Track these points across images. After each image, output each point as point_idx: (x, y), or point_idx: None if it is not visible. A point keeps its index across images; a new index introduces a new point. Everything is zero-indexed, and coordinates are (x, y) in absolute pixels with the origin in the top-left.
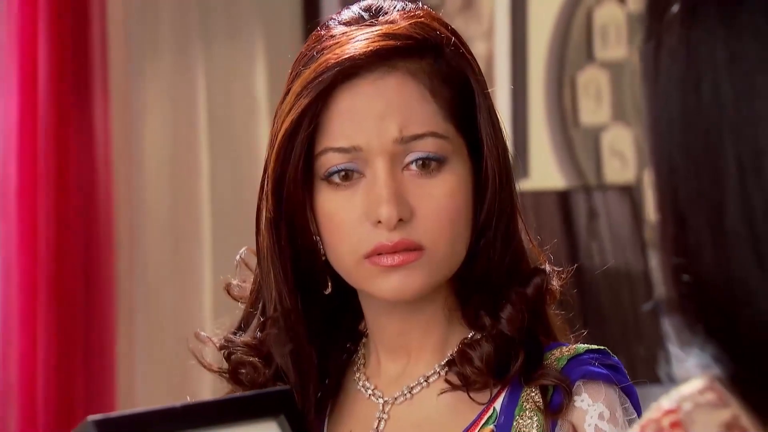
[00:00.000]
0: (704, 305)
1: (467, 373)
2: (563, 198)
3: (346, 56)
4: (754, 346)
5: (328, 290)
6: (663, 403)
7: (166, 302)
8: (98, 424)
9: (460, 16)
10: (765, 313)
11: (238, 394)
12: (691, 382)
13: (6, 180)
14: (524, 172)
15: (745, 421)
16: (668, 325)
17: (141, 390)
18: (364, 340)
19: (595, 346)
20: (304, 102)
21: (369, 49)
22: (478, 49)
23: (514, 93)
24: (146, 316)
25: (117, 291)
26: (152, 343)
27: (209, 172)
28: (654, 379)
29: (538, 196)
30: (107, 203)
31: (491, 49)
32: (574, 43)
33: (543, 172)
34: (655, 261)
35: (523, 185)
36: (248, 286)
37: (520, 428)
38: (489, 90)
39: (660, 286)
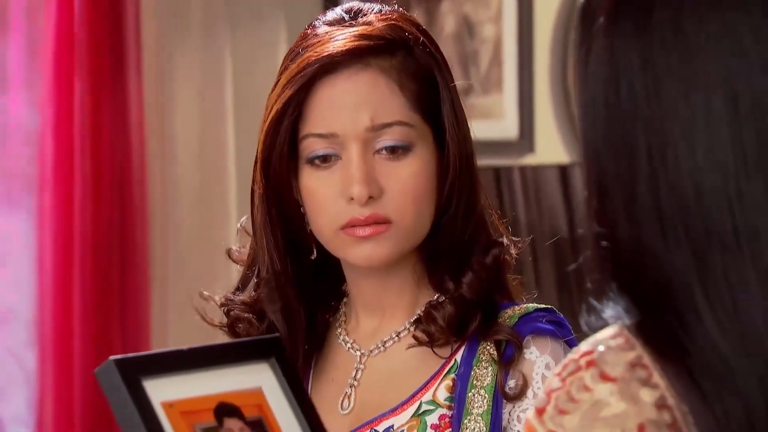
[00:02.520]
0: (618, 266)
1: (432, 331)
2: (564, 172)
3: (326, 54)
4: (657, 300)
5: (314, 256)
6: (581, 347)
7: (195, 267)
8: (118, 362)
9: (469, 2)
10: (667, 273)
11: (237, 340)
12: (606, 329)
13: (44, 155)
14: (530, 148)
15: (647, 360)
16: (589, 282)
17: (173, 344)
18: (345, 299)
19: (543, 305)
20: (288, 93)
21: (346, 48)
22: (487, 33)
23: (521, 73)
24: (177, 282)
25: (151, 259)
26: (183, 307)
27: (235, 147)
28: None
29: (541, 170)
30: (141, 177)
31: (499, 32)
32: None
33: (548, 147)
34: None
35: (529, 160)
36: (246, 251)
37: (478, 377)
38: (454, 83)
39: None
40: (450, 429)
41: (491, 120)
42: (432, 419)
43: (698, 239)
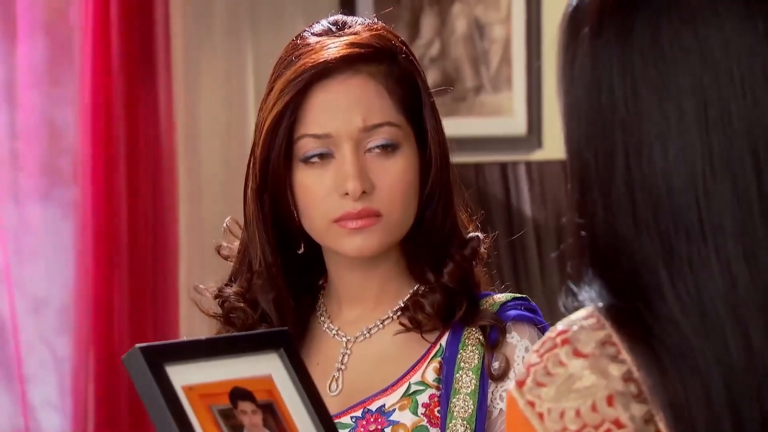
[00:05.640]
0: (594, 254)
1: (419, 318)
2: (566, 166)
3: (321, 61)
4: (626, 286)
5: (301, 250)
6: (558, 326)
7: (217, 263)
8: (143, 349)
9: (480, 4)
10: (637, 260)
11: (249, 332)
12: (580, 310)
13: (81, 150)
14: (539, 144)
15: (615, 338)
16: (569, 268)
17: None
18: (323, 291)
19: (518, 294)
20: (286, 98)
21: (339, 55)
22: (496, 34)
23: (529, 72)
24: (205, 273)
25: (180, 251)
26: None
27: None
28: None
29: (546, 165)
30: (171, 170)
31: (509, 33)
32: None
33: (555, 143)
34: None
35: (538, 156)
36: (235, 247)
37: (465, 359)
38: (430, 90)
39: None
40: (439, 407)
41: (501, 117)
42: (422, 398)
43: (667, 230)
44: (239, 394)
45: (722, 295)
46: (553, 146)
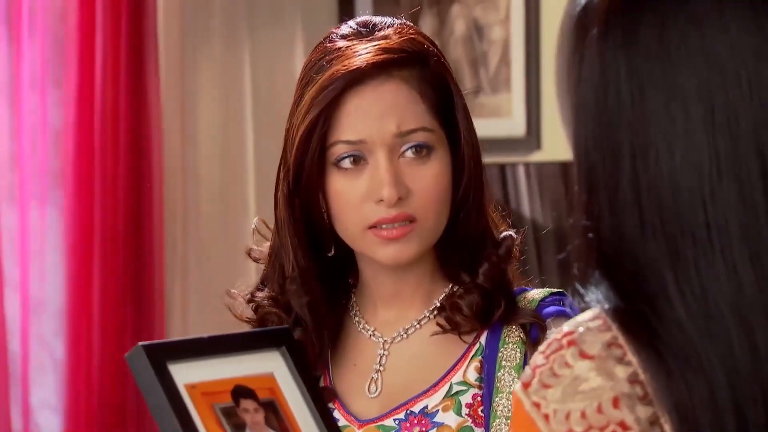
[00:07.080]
0: (601, 256)
1: (457, 320)
2: (566, 168)
3: (354, 68)
4: (632, 288)
5: (332, 253)
6: (564, 327)
7: (215, 262)
8: (146, 348)
9: (479, 5)
10: (642, 262)
11: (251, 330)
12: (586, 312)
13: (66, 151)
14: (537, 145)
15: (621, 340)
16: (575, 270)
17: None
18: (353, 289)
19: (555, 290)
20: (320, 106)
21: (372, 61)
22: (495, 35)
23: (528, 73)
24: (198, 276)
25: (169, 254)
26: (203, 300)
27: (254, 144)
28: None
29: (545, 166)
30: (159, 173)
31: (508, 34)
32: None
33: (554, 145)
34: None
35: (536, 157)
36: (265, 249)
37: (506, 358)
38: (461, 93)
39: None
40: (482, 407)
41: (500, 118)
42: (466, 399)
43: (673, 232)
44: (241, 392)
45: (728, 298)
46: (552, 148)
